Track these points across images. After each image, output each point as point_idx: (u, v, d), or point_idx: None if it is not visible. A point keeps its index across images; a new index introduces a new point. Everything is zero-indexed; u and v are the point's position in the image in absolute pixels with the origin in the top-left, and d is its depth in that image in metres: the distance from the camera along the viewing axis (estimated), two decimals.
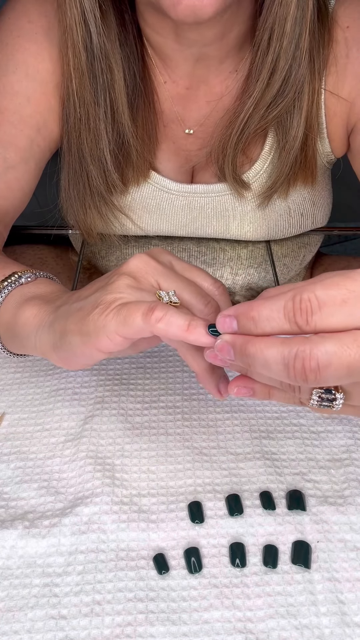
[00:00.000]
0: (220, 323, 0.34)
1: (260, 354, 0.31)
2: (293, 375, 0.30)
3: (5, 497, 0.45)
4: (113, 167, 0.61)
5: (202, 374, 0.42)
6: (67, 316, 0.41)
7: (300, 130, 0.59)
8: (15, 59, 0.59)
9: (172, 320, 0.36)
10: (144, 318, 0.37)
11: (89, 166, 0.61)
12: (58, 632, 0.37)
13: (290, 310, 0.30)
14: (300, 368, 0.29)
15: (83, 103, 0.58)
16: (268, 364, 0.31)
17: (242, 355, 0.33)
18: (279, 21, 0.53)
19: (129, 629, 0.37)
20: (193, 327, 0.36)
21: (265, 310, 0.32)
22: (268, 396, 0.37)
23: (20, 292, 0.48)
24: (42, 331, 0.44)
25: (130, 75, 0.59)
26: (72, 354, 0.41)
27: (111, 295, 0.39)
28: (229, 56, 0.59)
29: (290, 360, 0.30)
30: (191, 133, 0.64)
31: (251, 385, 0.37)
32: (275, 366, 0.31)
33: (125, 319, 0.37)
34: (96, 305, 0.39)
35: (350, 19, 0.58)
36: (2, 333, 0.49)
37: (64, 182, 0.64)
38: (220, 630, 0.37)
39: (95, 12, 0.53)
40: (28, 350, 0.48)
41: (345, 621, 0.37)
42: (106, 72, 0.57)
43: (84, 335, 0.39)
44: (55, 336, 0.42)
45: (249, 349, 0.32)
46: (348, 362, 0.29)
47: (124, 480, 0.45)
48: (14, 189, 0.62)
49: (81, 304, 0.41)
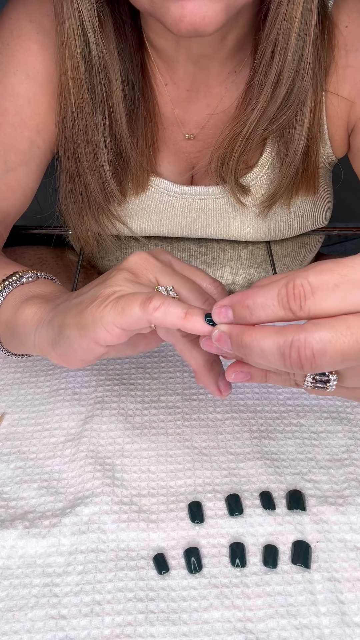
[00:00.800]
0: (216, 313, 0.34)
1: (256, 344, 0.31)
2: (289, 363, 0.30)
3: (5, 497, 0.45)
4: (112, 178, 0.61)
5: (200, 370, 0.42)
6: (66, 311, 0.41)
7: (302, 143, 0.59)
8: (16, 60, 0.59)
9: (170, 309, 0.37)
10: (141, 307, 0.37)
11: (87, 176, 0.61)
12: (58, 632, 0.37)
13: (284, 297, 0.31)
14: (295, 357, 0.30)
15: (81, 113, 0.57)
16: (264, 354, 0.31)
17: (239, 346, 0.33)
18: (283, 35, 0.52)
19: (129, 629, 0.37)
20: (190, 315, 0.36)
21: (259, 298, 0.32)
22: (265, 379, 0.38)
23: (21, 291, 0.48)
24: (41, 329, 0.44)
25: (129, 85, 0.58)
26: (71, 348, 0.41)
27: (110, 288, 0.39)
28: (229, 57, 0.59)
29: (285, 350, 0.30)
30: (191, 137, 0.64)
31: (248, 370, 0.37)
32: (272, 356, 0.31)
33: (123, 309, 0.37)
34: (95, 298, 0.39)
35: (348, 18, 0.58)
36: (1, 332, 0.49)
37: (61, 189, 0.64)
38: (220, 630, 0.37)
39: (94, 22, 0.53)
40: (27, 349, 0.48)
41: (345, 621, 0.37)
42: (104, 83, 0.56)
43: (82, 328, 0.39)
44: (54, 332, 0.42)
45: (245, 340, 0.32)
46: (342, 348, 0.29)
47: (124, 480, 0.45)
48: (15, 191, 0.62)
49: (80, 299, 0.41)
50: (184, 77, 0.61)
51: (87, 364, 0.44)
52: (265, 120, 0.57)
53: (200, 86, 0.61)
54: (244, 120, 0.58)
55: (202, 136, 0.64)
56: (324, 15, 0.58)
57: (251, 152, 0.62)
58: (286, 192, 0.64)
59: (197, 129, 0.64)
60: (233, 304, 0.34)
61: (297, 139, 0.59)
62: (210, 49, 0.57)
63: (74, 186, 0.62)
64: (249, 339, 0.32)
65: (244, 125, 0.58)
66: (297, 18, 0.51)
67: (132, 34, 0.58)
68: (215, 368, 0.42)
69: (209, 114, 0.63)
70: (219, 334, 0.34)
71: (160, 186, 0.66)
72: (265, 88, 0.55)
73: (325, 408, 0.51)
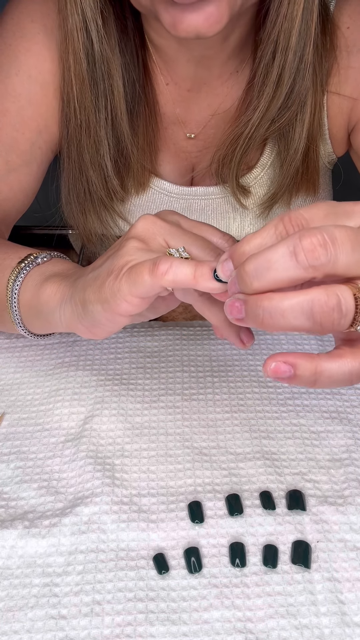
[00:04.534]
0: (220, 270, 0.34)
1: (275, 304, 0.30)
2: (319, 320, 0.30)
3: (5, 497, 0.45)
4: (113, 173, 0.61)
5: (222, 325, 0.41)
6: (85, 287, 0.42)
7: (302, 143, 0.59)
8: (18, 60, 0.59)
9: (178, 270, 0.37)
10: (150, 274, 0.37)
11: (89, 172, 0.61)
12: (58, 632, 0.37)
13: (282, 229, 0.31)
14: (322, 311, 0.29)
15: (83, 109, 0.58)
16: (285, 314, 0.30)
17: (256, 309, 0.31)
18: (284, 35, 0.52)
19: (129, 628, 0.37)
20: (199, 274, 0.36)
21: (256, 239, 0.32)
22: (314, 376, 0.32)
23: (38, 271, 0.49)
24: (65, 305, 0.45)
25: (130, 82, 0.58)
26: (97, 322, 0.42)
27: (122, 259, 0.40)
28: (231, 57, 0.59)
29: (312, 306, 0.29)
30: (192, 137, 0.64)
31: (293, 360, 0.32)
32: (295, 314, 0.30)
33: (135, 280, 0.38)
34: (110, 272, 0.40)
35: (350, 19, 0.58)
36: (23, 314, 0.50)
37: (64, 187, 0.64)
38: (220, 630, 0.37)
39: (97, 19, 0.53)
40: (53, 327, 0.49)
41: (345, 621, 0.37)
42: (106, 79, 0.57)
43: (104, 302, 0.40)
44: (78, 308, 0.43)
45: (263, 303, 0.31)
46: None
47: (124, 480, 0.45)
48: (16, 191, 0.62)
49: (96, 273, 0.42)
50: (185, 76, 0.61)
51: (115, 332, 0.44)
52: (267, 121, 0.57)
53: (202, 86, 0.61)
54: (246, 121, 0.58)
55: (203, 136, 0.64)
56: (326, 16, 0.58)
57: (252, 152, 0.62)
58: (286, 192, 0.64)
59: (198, 128, 0.64)
60: (231, 254, 0.33)
61: (297, 138, 0.59)
62: (212, 49, 0.57)
63: (77, 183, 0.62)
64: (267, 302, 0.31)
65: (246, 126, 0.58)
66: (298, 18, 0.51)
67: (134, 33, 0.58)
68: None
69: (211, 114, 0.63)
70: (231, 302, 0.33)
71: (160, 187, 0.66)
72: (266, 88, 0.55)
73: (325, 408, 0.51)
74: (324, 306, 0.29)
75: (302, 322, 0.30)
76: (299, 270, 0.30)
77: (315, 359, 0.32)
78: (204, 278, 0.36)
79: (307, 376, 0.32)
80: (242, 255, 0.33)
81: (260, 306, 0.31)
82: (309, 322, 0.30)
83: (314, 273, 0.30)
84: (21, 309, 0.50)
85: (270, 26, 0.53)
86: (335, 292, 0.30)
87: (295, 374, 0.32)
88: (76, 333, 0.46)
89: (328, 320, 0.30)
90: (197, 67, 0.59)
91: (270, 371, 0.32)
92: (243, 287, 0.32)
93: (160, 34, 0.57)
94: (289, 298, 0.30)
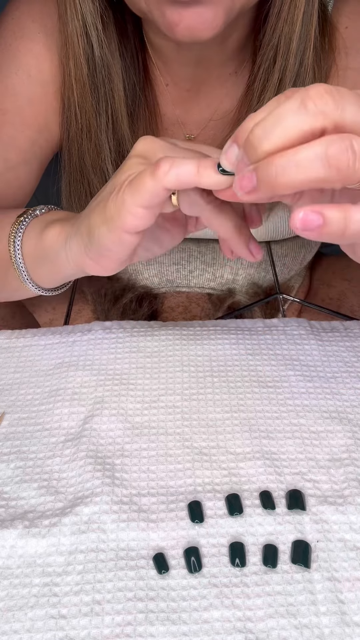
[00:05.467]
0: (224, 157, 0.33)
1: (289, 157, 0.30)
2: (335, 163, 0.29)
3: (5, 497, 0.45)
4: None
5: (230, 236, 0.41)
6: (89, 215, 0.42)
7: None
8: (18, 60, 0.59)
9: (180, 168, 0.35)
10: (151, 176, 0.36)
11: (90, 176, 0.61)
12: (58, 632, 0.37)
13: (284, 98, 0.30)
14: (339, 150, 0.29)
15: (84, 114, 0.58)
16: (300, 165, 0.29)
17: (269, 167, 0.30)
18: (284, 39, 0.52)
19: (129, 628, 0.37)
20: (203, 167, 0.35)
21: (260, 114, 0.31)
22: (344, 222, 0.31)
23: (38, 221, 0.49)
24: (71, 240, 0.44)
25: (130, 85, 0.58)
26: (104, 247, 0.41)
27: (124, 175, 0.39)
28: (230, 58, 0.59)
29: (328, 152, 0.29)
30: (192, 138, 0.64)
31: (321, 209, 0.30)
32: (310, 163, 0.29)
33: (137, 188, 0.37)
34: (112, 190, 0.39)
35: (348, 19, 0.58)
36: (29, 265, 0.49)
37: (65, 189, 0.64)
38: (220, 630, 0.37)
39: (97, 24, 0.53)
40: (61, 270, 0.48)
41: (345, 621, 0.37)
42: (107, 83, 0.57)
43: (109, 221, 0.39)
44: (84, 238, 0.42)
45: (275, 160, 0.30)
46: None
47: (124, 480, 0.45)
48: (14, 189, 0.62)
49: (99, 198, 0.41)
50: (184, 77, 0.61)
51: (123, 264, 0.43)
52: None
53: (201, 87, 0.61)
54: None
55: (203, 137, 0.64)
56: (324, 17, 0.58)
57: None
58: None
59: (198, 130, 0.64)
60: (236, 136, 0.32)
61: None
62: (211, 51, 0.57)
63: (78, 186, 0.62)
64: (279, 158, 0.30)
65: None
66: (299, 22, 0.51)
67: (134, 35, 0.58)
68: (245, 232, 0.41)
69: (210, 115, 0.63)
70: (240, 177, 0.32)
71: None
72: (267, 93, 0.55)
73: (325, 408, 0.51)
74: (337, 147, 0.29)
75: (317, 170, 0.29)
76: (309, 118, 0.29)
77: (344, 207, 0.31)
78: (207, 171, 0.35)
79: (336, 223, 0.30)
80: (247, 131, 0.32)
81: (273, 164, 0.30)
82: (324, 168, 0.29)
83: (323, 120, 0.29)
84: (25, 260, 0.49)
85: (270, 30, 0.52)
86: (346, 136, 0.29)
87: (325, 221, 0.30)
88: (85, 271, 0.45)
89: (343, 162, 0.29)
90: (196, 68, 0.59)
91: (300, 221, 0.30)
92: (252, 154, 0.31)
93: (159, 34, 0.57)
94: (302, 149, 0.30)
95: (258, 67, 0.55)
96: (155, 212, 0.39)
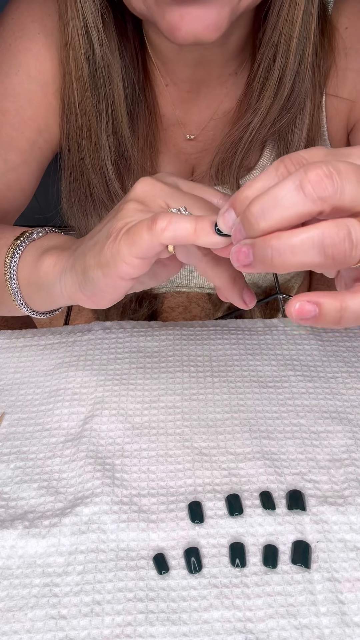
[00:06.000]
0: (221, 221, 0.33)
1: (284, 241, 0.30)
2: (330, 253, 0.29)
3: (5, 497, 0.45)
4: (114, 176, 0.61)
5: (225, 286, 0.41)
6: (85, 253, 0.41)
7: (302, 144, 0.59)
8: (17, 60, 0.59)
9: (177, 225, 0.35)
10: (148, 231, 0.36)
11: (90, 175, 0.61)
12: (58, 632, 0.37)
13: (283, 170, 0.30)
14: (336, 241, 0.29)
15: (84, 113, 0.57)
16: (295, 250, 0.29)
17: (265, 250, 0.30)
18: (284, 38, 0.52)
19: (129, 629, 0.37)
20: (200, 227, 0.35)
21: (258, 183, 0.31)
22: (339, 313, 0.31)
23: (35, 246, 0.49)
24: (66, 275, 0.44)
25: (130, 85, 0.58)
26: (98, 289, 0.41)
27: (121, 221, 0.39)
28: (230, 59, 0.59)
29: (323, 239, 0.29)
30: (192, 139, 0.64)
31: (317, 299, 0.31)
32: (305, 249, 0.29)
33: (133, 240, 0.37)
34: (109, 235, 0.39)
35: (348, 20, 0.58)
36: (24, 291, 0.50)
37: (65, 189, 0.64)
38: (220, 630, 0.37)
39: (97, 24, 0.53)
40: (55, 300, 0.48)
41: (345, 621, 0.37)
42: (107, 82, 0.56)
43: (104, 266, 0.39)
44: (79, 276, 0.42)
45: (271, 242, 0.30)
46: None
47: (124, 480, 0.45)
48: (14, 190, 0.62)
49: (95, 239, 0.41)
50: (184, 78, 0.61)
51: (116, 301, 0.43)
52: (267, 124, 0.57)
53: (201, 87, 0.61)
54: (246, 124, 0.58)
55: (203, 137, 0.64)
56: (324, 18, 0.58)
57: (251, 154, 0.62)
58: None
59: (198, 130, 0.64)
60: (233, 202, 0.32)
61: (296, 140, 0.59)
62: (211, 52, 0.57)
63: (78, 185, 0.62)
64: (276, 241, 0.30)
65: (246, 130, 0.58)
66: (299, 21, 0.51)
67: (134, 35, 0.58)
68: (239, 282, 0.41)
69: (210, 115, 0.63)
70: (237, 250, 0.32)
71: None
72: (267, 91, 0.55)
73: (325, 408, 0.51)
74: (334, 237, 0.29)
75: (312, 257, 0.29)
76: (307, 203, 0.29)
77: (340, 296, 0.31)
78: (205, 232, 0.35)
79: (332, 314, 0.31)
80: (245, 200, 0.32)
81: (269, 245, 0.30)
82: (320, 256, 0.29)
83: (321, 206, 0.29)
84: (21, 285, 0.49)
85: (270, 29, 0.52)
86: (344, 224, 0.29)
87: (321, 312, 0.31)
88: (78, 303, 0.45)
89: (339, 251, 0.29)
90: (196, 69, 0.59)
91: (295, 312, 0.31)
92: (249, 230, 0.31)
93: (159, 35, 0.57)
94: (298, 233, 0.29)
95: (258, 66, 0.55)
96: (151, 261, 0.39)
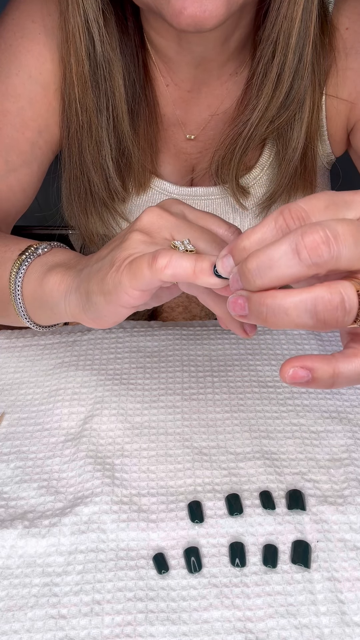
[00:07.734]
0: (219, 266, 0.34)
1: (278, 301, 0.30)
2: (322, 318, 0.29)
3: (5, 496, 0.45)
4: (115, 174, 0.61)
5: (225, 317, 0.42)
6: (89, 278, 0.42)
7: (301, 142, 0.59)
8: (18, 60, 0.59)
9: (177, 264, 0.36)
10: (149, 268, 0.37)
11: (90, 173, 0.61)
12: (58, 632, 0.37)
13: (282, 223, 0.30)
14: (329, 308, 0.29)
15: (85, 110, 0.58)
16: (288, 312, 0.30)
17: (259, 307, 0.31)
18: (283, 35, 0.52)
19: (129, 628, 0.37)
20: (199, 269, 0.36)
21: (256, 234, 0.31)
22: (332, 379, 0.32)
23: (40, 262, 0.49)
24: (70, 296, 0.45)
25: (131, 83, 0.58)
26: (100, 313, 0.42)
27: (125, 252, 0.40)
28: (231, 59, 0.59)
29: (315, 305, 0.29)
30: (192, 138, 0.64)
31: (311, 365, 0.32)
32: (298, 312, 0.30)
33: (134, 273, 0.38)
34: (112, 264, 0.40)
35: (348, 20, 0.58)
36: (28, 306, 0.50)
37: (65, 188, 0.64)
38: (220, 630, 0.37)
39: (99, 20, 0.53)
40: (59, 317, 0.49)
41: (345, 621, 0.37)
42: (108, 80, 0.57)
43: (106, 294, 0.40)
44: (82, 299, 0.43)
45: (266, 301, 0.31)
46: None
47: (124, 480, 0.45)
48: (15, 191, 0.62)
49: (100, 265, 0.42)
50: (184, 78, 0.61)
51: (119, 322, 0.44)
52: (266, 121, 0.57)
53: (201, 87, 0.61)
54: (245, 120, 0.58)
55: (203, 137, 0.64)
56: (324, 17, 0.58)
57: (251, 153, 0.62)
58: (285, 191, 0.64)
59: (198, 129, 0.64)
60: (231, 249, 0.33)
61: (295, 138, 0.59)
62: (212, 50, 0.57)
63: (79, 183, 0.62)
64: (271, 300, 0.30)
65: (245, 126, 0.58)
66: (298, 18, 0.51)
67: (134, 33, 0.58)
68: None
69: (210, 115, 0.63)
70: (233, 301, 0.33)
71: (160, 188, 0.66)
72: (265, 88, 0.55)
73: (325, 408, 0.51)
74: (327, 304, 0.29)
75: (305, 320, 0.30)
76: (302, 267, 0.29)
77: (332, 361, 0.32)
78: (203, 273, 0.36)
79: (325, 379, 0.32)
80: (242, 250, 0.32)
81: (264, 304, 0.31)
82: (312, 320, 0.30)
83: (316, 270, 0.30)
84: (25, 300, 0.50)
85: (270, 26, 0.53)
86: (338, 290, 0.29)
87: (314, 378, 0.31)
88: (81, 323, 0.46)
89: (332, 318, 0.29)
90: (197, 69, 0.59)
91: (289, 377, 0.32)
92: (246, 284, 0.32)
93: (160, 33, 0.57)
94: (292, 296, 0.30)
95: (257, 62, 0.55)
96: (152, 292, 0.40)
